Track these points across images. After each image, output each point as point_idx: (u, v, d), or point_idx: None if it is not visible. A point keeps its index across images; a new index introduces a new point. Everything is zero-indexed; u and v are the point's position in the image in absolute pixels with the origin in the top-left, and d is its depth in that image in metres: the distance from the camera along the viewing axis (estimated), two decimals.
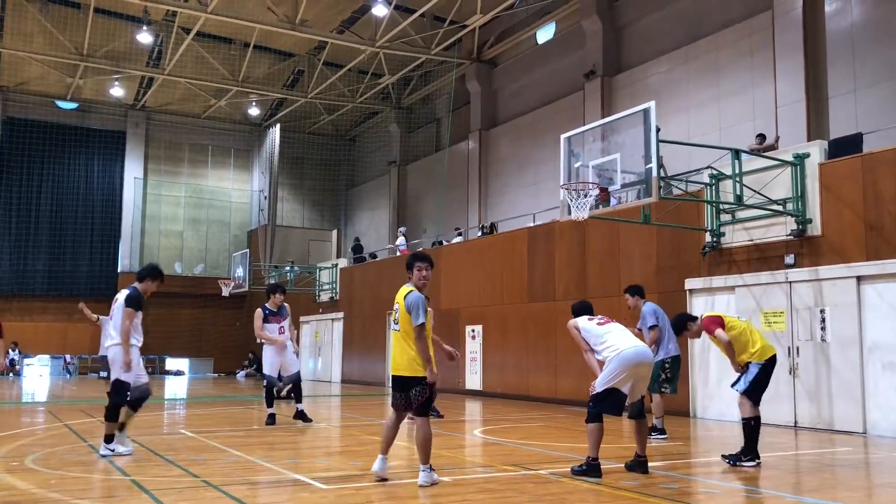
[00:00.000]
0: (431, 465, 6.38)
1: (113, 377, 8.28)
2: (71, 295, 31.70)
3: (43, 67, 29.26)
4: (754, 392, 7.74)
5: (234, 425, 11.74)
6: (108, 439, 8.13)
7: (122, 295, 8.40)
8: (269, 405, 11.81)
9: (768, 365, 7.79)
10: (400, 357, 6.43)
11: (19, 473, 6.97)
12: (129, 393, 8.21)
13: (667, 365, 9.90)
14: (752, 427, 7.69)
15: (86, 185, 32.73)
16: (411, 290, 6.52)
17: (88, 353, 30.79)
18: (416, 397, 6.36)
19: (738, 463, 7.60)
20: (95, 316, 16.17)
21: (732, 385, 7.91)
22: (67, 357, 30.98)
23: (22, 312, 30.23)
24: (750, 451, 7.66)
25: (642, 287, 10.60)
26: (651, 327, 9.91)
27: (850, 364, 10.85)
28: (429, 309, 6.73)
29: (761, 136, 15.10)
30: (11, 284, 30.58)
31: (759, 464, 7.62)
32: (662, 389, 9.92)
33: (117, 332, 8.26)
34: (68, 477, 6.90)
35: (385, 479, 6.45)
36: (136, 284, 8.47)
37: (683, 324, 8.33)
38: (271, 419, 11.56)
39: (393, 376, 6.53)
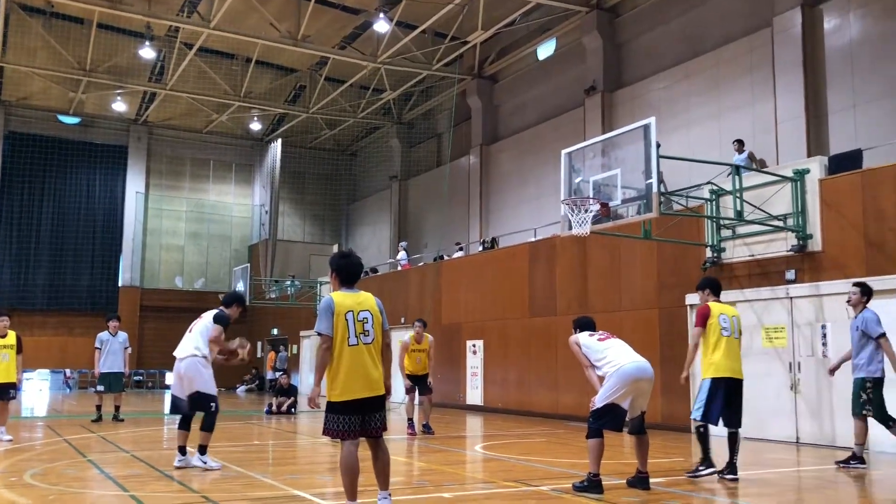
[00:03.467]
0: None
1: (192, 389, 8.22)
2: (71, 309, 31.75)
3: (45, 82, 29.38)
4: (709, 415, 7.63)
5: (234, 441, 11.70)
6: (203, 449, 8.17)
7: (208, 314, 8.58)
8: None
9: (720, 383, 7.64)
10: (377, 373, 5.46)
11: (18, 489, 6.95)
12: (214, 404, 8.22)
13: (868, 385, 8.71)
14: (702, 433, 7.72)
15: (87, 200, 32.77)
16: (371, 294, 5.70)
17: (88, 368, 30.74)
18: (385, 419, 5.59)
19: (695, 475, 7.62)
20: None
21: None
22: (67, 371, 30.91)
23: (22, 326, 29.93)
24: (704, 459, 7.67)
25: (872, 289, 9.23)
26: (881, 336, 8.65)
27: (852, 380, 10.80)
28: None
29: (739, 142, 15.10)
30: (12, 298, 30.52)
31: (714, 471, 7.61)
32: (864, 412, 8.74)
33: (198, 345, 8.30)
34: (67, 492, 6.88)
35: None
36: (223, 308, 8.65)
37: (711, 286, 8.25)
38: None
39: (366, 399, 5.41)
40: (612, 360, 7.02)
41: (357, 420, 5.40)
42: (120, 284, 32.67)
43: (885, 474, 8.69)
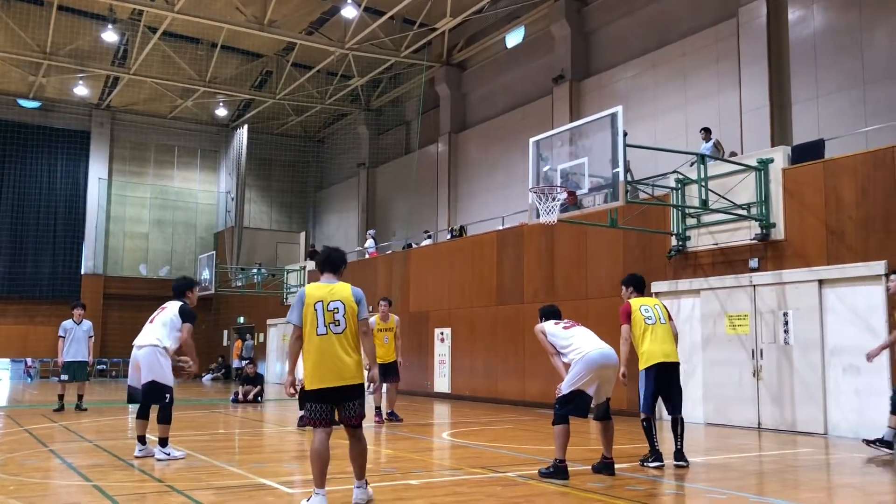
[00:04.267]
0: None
1: (149, 378, 8.03)
2: (32, 297, 31.16)
3: (4, 65, 28.68)
4: (648, 405, 7.68)
5: (200, 429, 11.60)
6: (164, 442, 8.04)
7: (172, 305, 8.35)
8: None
9: (651, 371, 7.67)
10: (350, 361, 5.50)
11: None
12: (168, 395, 8.08)
13: None
14: (645, 427, 7.76)
15: (48, 186, 32.11)
16: (349, 285, 5.73)
17: (50, 357, 30.26)
18: (361, 409, 5.60)
19: (644, 464, 7.68)
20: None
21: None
22: (28, 361, 30.37)
23: None
24: (651, 451, 7.71)
25: None
26: None
27: (812, 366, 11.04)
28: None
29: (706, 130, 15.23)
30: None
31: (662, 465, 7.61)
32: None
33: (160, 336, 8.12)
34: (28, 483, 6.76)
35: None
36: (184, 300, 8.47)
37: (634, 283, 8.25)
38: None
39: (334, 388, 5.45)
40: (578, 347, 7.07)
41: (328, 409, 5.48)
42: (83, 272, 32.13)
43: (843, 458, 8.87)
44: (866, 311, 10.55)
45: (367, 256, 24.46)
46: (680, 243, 12.95)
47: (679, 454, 7.66)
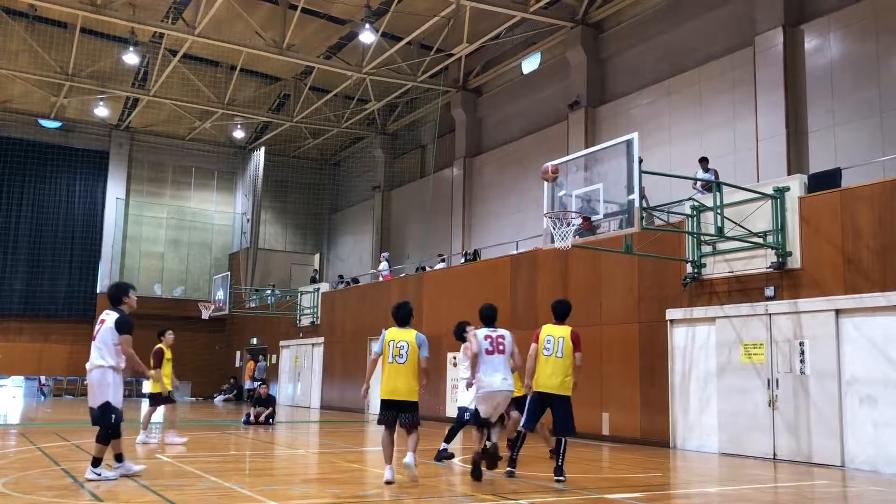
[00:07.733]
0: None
1: (101, 400, 7.91)
2: (48, 315, 31.32)
3: (27, 86, 29.13)
4: (527, 422, 8.84)
5: (211, 451, 11.59)
6: (96, 462, 7.92)
7: (110, 317, 8.03)
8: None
9: (536, 396, 8.70)
10: (404, 385, 8.02)
11: None
12: (115, 416, 7.96)
13: None
14: (514, 437, 9.16)
15: (67, 205, 32.44)
16: (415, 331, 8.22)
17: (64, 375, 30.38)
18: (414, 418, 8.07)
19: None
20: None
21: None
22: (42, 378, 30.47)
23: None
24: (509, 459, 8.89)
25: None
26: None
27: (829, 397, 10.91)
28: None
29: (704, 160, 15.05)
30: None
31: (511, 472, 8.69)
32: None
33: (104, 355, 7.92)
34: (40, 502, 6.77)
35: (392, 483, 7.83)
36: (121, 308, 8.13)
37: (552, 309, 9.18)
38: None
39: (393, 400, 8.04)
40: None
41: (391, 414, 8.07)
42: (98, 291, 32.26)
43: (860, 491, 8.74)
44: (884, 342, 10.44)
45: (380, 279, 24.48)
46: (695, 271, 12.88)
47: (558, 470, 8.39)
